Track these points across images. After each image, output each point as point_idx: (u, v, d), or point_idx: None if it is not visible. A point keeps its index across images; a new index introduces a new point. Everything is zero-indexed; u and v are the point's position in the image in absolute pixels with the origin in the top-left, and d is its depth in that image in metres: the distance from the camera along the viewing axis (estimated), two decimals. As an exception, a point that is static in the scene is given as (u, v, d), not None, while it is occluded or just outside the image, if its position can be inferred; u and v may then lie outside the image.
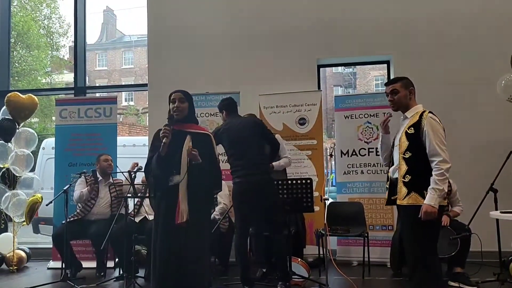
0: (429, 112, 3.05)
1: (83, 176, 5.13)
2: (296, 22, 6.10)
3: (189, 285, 3.10)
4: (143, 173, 3.55)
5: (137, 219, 4.85)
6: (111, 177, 5.20)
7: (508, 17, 5.64)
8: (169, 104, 3.31)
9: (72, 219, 4.91)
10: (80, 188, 5.06)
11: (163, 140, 3.14)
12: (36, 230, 7.93)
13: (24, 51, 18.17)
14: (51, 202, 4.88)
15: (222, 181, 3.50)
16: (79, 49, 6.96)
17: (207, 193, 3.34)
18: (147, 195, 4.76)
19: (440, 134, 2.96)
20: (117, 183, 5.05)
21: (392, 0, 5.96)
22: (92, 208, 5.01)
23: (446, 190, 2.92)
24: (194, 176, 3.15)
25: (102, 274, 4.97)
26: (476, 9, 5.72)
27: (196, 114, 3.49)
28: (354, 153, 5.52)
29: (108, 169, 5.16)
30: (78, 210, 5.06)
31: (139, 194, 4.61)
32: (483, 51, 5.61)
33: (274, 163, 4.53)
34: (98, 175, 5.15)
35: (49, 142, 7.84)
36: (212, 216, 4.61)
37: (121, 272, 4.75)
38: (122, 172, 4.82)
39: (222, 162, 4.72)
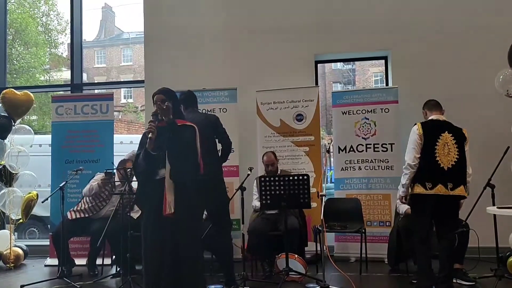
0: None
1: (102, 174, 5.00)
2: (294, 17, 6.06)
3: (185, 282, 3.12)
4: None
5: (135, 215, 4.82)
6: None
7: (507, 12, 5.61)
8: (153, 105, 3.33)
9: (79, 216, 4.91)
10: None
11: (149, 135, 3.18)
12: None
13: (22, 48, 18.08)
14: (46, 199, 4.86)
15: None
16: (75, 45, 6.96)
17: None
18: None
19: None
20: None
21: (390, -5, 5.94)
22: (101, 209, 5.00)
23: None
24: (175, 166, 3.14)
25: (96, 273, 4.95)
26: (474, 4, 5.70)
27: (181, 108, 3.46)
28: (351, 149, 5.50)
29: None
30: (86, 206, 5.00)
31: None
32: (481, 47, 5.59)
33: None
34: (116, 179, 4.96)
35: (46, 139, 7.82)
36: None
37: (118, 269, 4.74)
38: (118, 169, 4.81)
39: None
